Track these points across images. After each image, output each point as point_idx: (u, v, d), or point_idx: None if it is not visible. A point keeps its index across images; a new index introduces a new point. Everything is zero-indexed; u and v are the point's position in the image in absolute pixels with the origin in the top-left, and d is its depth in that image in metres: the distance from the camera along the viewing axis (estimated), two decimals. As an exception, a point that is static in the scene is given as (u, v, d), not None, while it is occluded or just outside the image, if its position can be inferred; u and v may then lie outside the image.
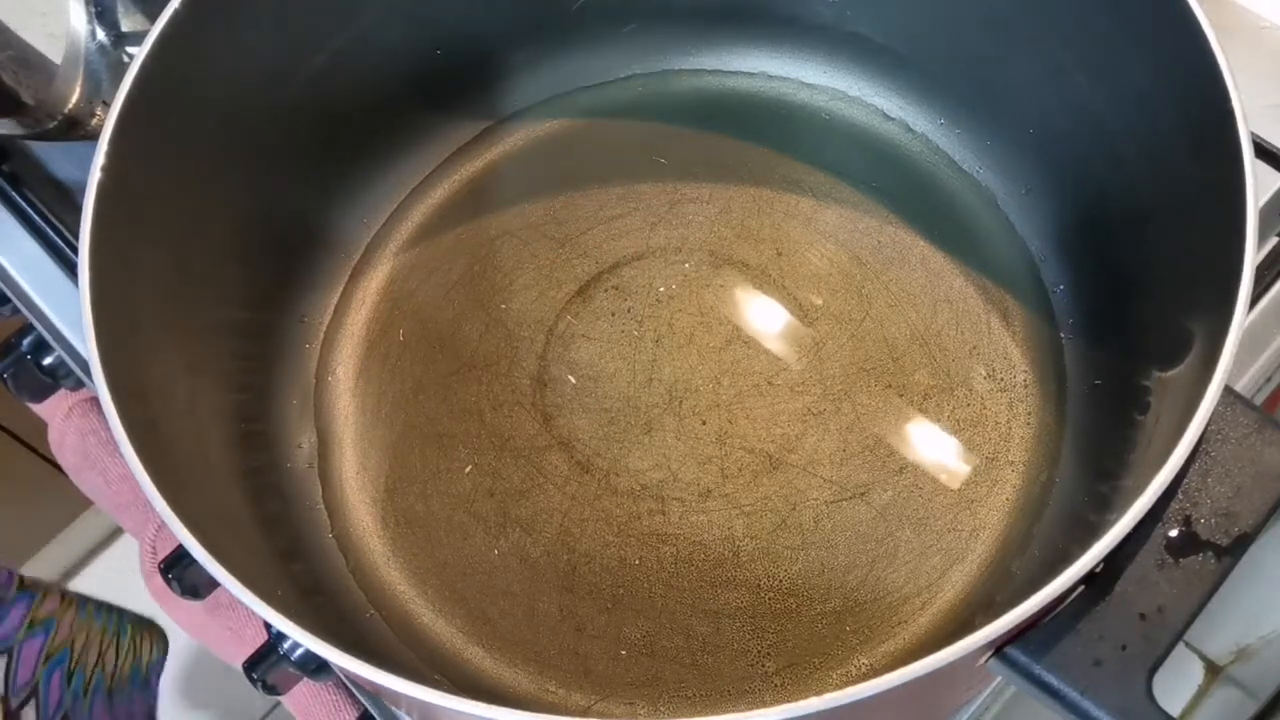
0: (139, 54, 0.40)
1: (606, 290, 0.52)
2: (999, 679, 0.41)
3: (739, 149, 0.55)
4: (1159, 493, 0.30)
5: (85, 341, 0.36)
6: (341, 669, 0.31)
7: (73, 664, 0.68)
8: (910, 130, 0.55)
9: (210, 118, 0.44)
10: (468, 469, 0.48)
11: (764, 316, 0.51)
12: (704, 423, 0.48)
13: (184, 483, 0.36)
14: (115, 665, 0.70)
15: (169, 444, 0.38)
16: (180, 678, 1.17)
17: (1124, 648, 0.31)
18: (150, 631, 0.75)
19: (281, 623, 0.31)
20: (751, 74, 0.57)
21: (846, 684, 0.42)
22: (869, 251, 0.52)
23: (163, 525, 0.43)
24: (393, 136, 0.55)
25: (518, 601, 0.45)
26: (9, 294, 0.56)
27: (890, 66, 0.54)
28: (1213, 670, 0.71)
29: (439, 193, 0.56)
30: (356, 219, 0.54)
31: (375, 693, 0.48)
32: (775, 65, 0.57)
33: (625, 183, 0.55)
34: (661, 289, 0.52)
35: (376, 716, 0.48)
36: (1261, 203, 0.48)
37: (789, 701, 0.29)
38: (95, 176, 0.38)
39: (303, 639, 0.31)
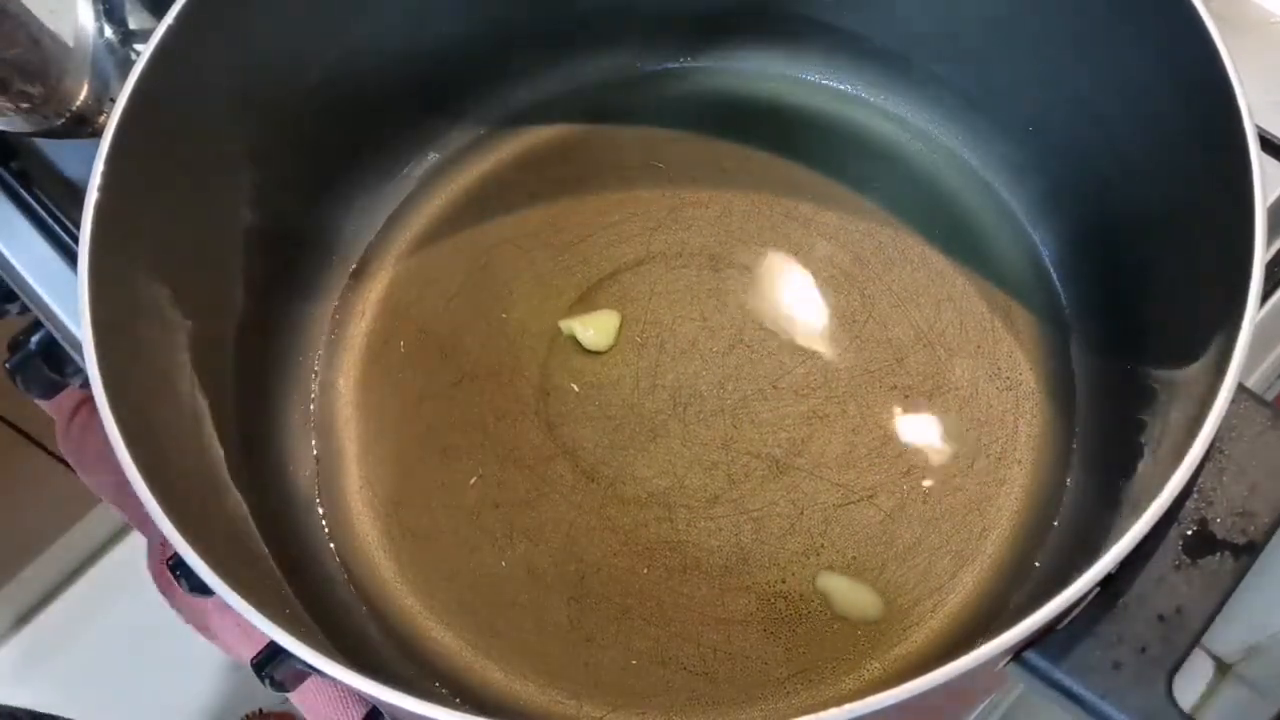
0: (144, 51, 0.40)
1: (607, 297, 0.51)
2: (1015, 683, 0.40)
3: (737, 152, 0.55)
4: (1175, 493, 0.30)
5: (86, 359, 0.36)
6: (349, 686, 0.30)
7: None
8: (910, 129, 0.54)
9: (211, 118, 0.44)
10: (472, 480, 0.48)
11: (765, 320, 0.50)
12: (709, 428, 0.48)
13: (186, 499, 0.36)
14: None
15: (170, 459, 0.38)
16: (185, 676, 1.17)
17: (1143, 650, 0.30)
18: None
19: (290, 642, 0.31)
20: (750, 76, 0.57)
21: (860, 688, 0.42)
22: (870, 252, 0.51)
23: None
24: (390, 141, 0.54)
25: (526, 613, 0.45)
26: (18, 292, 0.56)
27: (889, 65, 0.54)
28: (1222, 669, 0.70)
29: (437, 200, 0.55)
30: (355, 226, 0.54)
31: (389, 714, 0.47)
32: (773, 66, 0.56)
33: (624, 188, 0.54)
34: (662, 295, 0.51)
35: (384, 714, 0.48)
36: (1271, 199, 0.48)
37: (805, 709, 0.29)
38: (98, 171, 0.38)
39: (310, 657, 0.31)
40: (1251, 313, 0.32)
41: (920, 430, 0.47)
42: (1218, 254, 0.35)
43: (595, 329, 0.50)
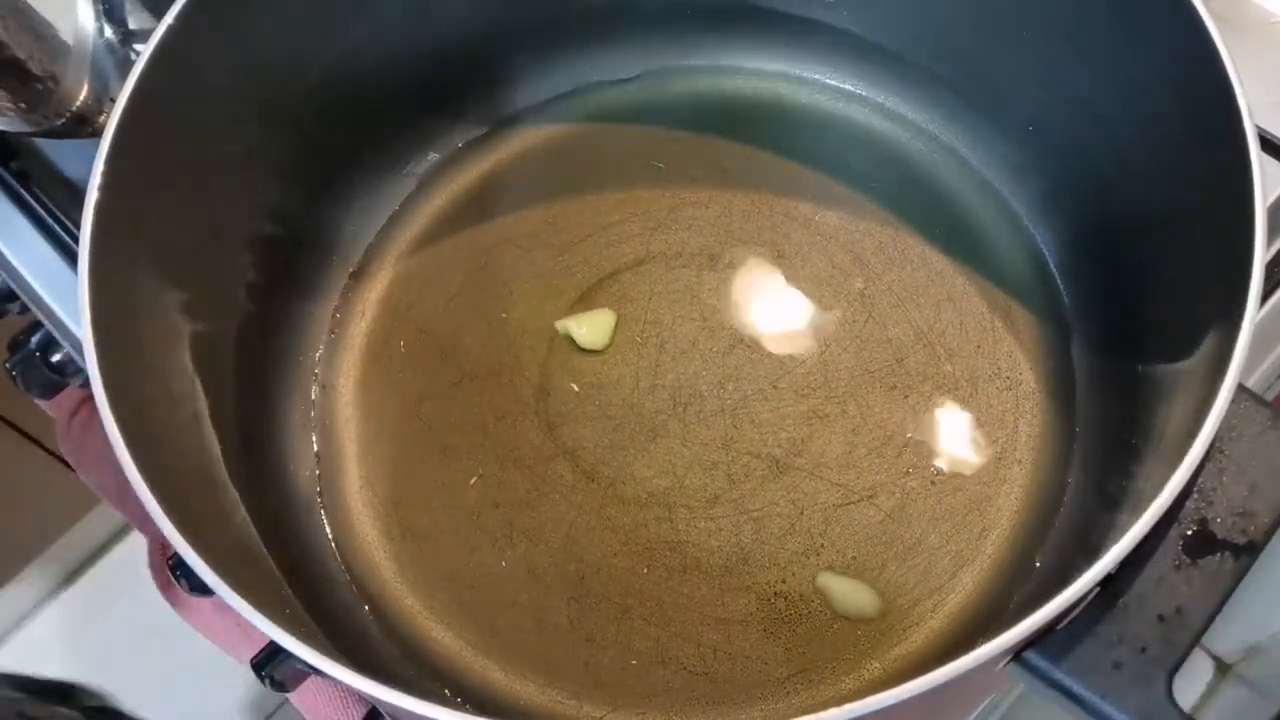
0: (144, 51, 0.40)
1: (607, 297, 0.51)
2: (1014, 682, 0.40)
3: (737, 151, 0.55)
4: (1175, 493, 0.30)
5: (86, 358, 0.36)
6: (350, 686, 0.30)
7: None
8: (910, 128, 0.54)
9: (211, 118, 0.44)
10: (473, 480, 0.48)
11: (766, 320, 0.50)
12: (709, 428, 0.48)
13: (186, 499, 0.36)
14: None
15: (170, 459, 0.38)
16: (186, 676, 1.16)
17: (1143, 650, 0.30)
18: None
19: (290, 642, 0.31)
20: (750, 75, 0.57)
21: (860, 688, 0.42)
22: (870, 252, 0.51)
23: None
24: (390, 141, 0.54)
25: (526, 613, 0.45)
26: (18, 291, 0.56)
27: (889, 65, 0.54)
28: (1222, 669, 0.71)
29: (437, 200, 0.55)
30: (355, 226, 0.54)
31: (389, 714, 0.47)
32: (773, 66, 0.57)
33: (624, 189, 0.54)
34: (662, 295, 0.51)
35: (384, 714, 0.48)
36: (1271, 199, 0.48)
37: (805, 709, 0.29)
38: (98, 171, 0.38)
39: (310, 657, 0.31)
40: (1251, 313, 0.32)
41: (920, 430, 0.47)
42: (1218, 254, 0.35)
43: (590, 327, 0.50)
